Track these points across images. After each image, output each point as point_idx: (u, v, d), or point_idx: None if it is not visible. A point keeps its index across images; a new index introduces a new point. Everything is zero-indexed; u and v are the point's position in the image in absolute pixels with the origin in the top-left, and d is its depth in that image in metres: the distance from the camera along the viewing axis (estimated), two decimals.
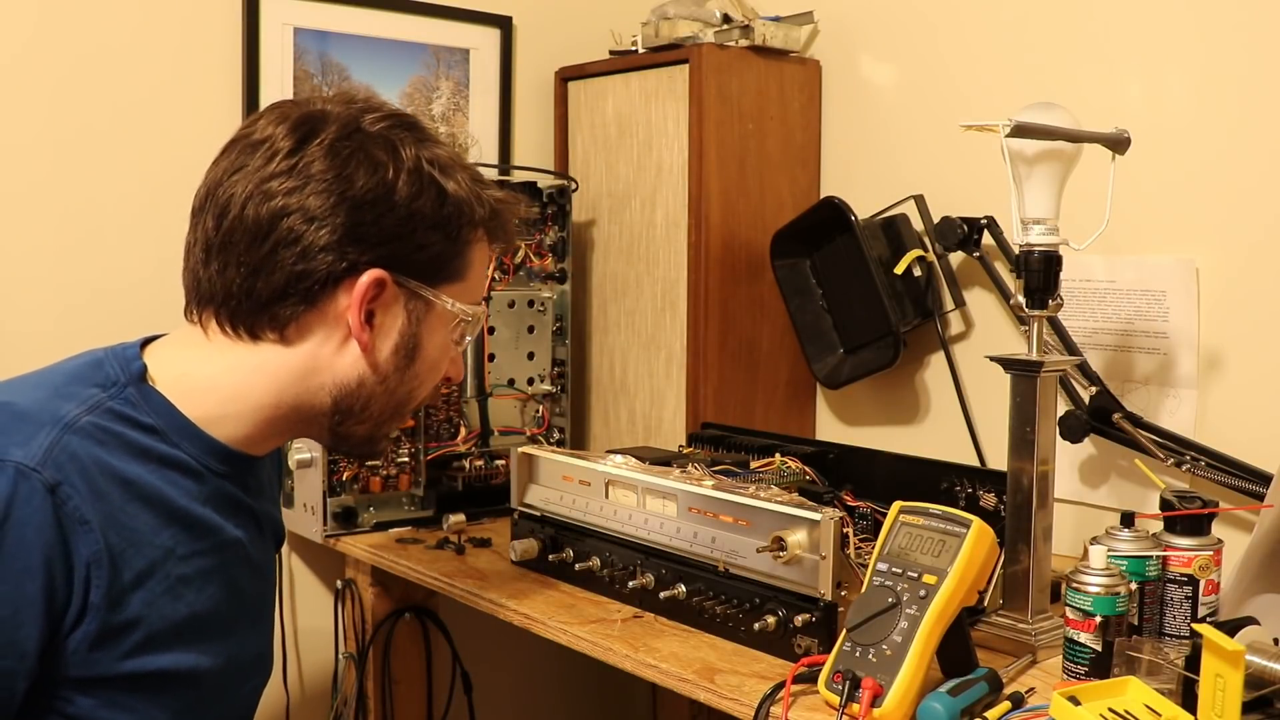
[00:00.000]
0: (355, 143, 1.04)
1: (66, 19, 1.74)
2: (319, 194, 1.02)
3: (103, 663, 0.99)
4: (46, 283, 1.75)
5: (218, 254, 1.04)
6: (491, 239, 1.14)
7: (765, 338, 2.02)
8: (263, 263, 1.03)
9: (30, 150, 1.73)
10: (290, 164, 1.03)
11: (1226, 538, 1.33)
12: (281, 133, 1.04)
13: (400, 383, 1.11)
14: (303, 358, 1.07)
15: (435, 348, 1.12)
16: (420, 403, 1.16)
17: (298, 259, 1.02)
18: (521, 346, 1.93)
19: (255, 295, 1.04)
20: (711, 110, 1.91)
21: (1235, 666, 0.95)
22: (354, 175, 1.03)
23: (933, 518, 1.14)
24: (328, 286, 1.04)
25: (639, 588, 1.40)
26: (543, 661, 2.27)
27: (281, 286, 1.03)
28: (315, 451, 1.73)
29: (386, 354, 1.09)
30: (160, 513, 1.03)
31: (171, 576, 1.03)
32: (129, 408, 1.03)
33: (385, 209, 1.04)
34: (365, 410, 1.10)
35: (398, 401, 1.12)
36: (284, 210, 1.02)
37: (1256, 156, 1.54)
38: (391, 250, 1.05)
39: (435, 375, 1.14)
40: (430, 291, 1.09)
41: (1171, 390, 1.62)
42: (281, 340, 1.06)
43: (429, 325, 1.10)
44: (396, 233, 1.04)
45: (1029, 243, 1.30)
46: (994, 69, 1.83)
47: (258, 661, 1.20)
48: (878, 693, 1.06)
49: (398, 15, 2.03)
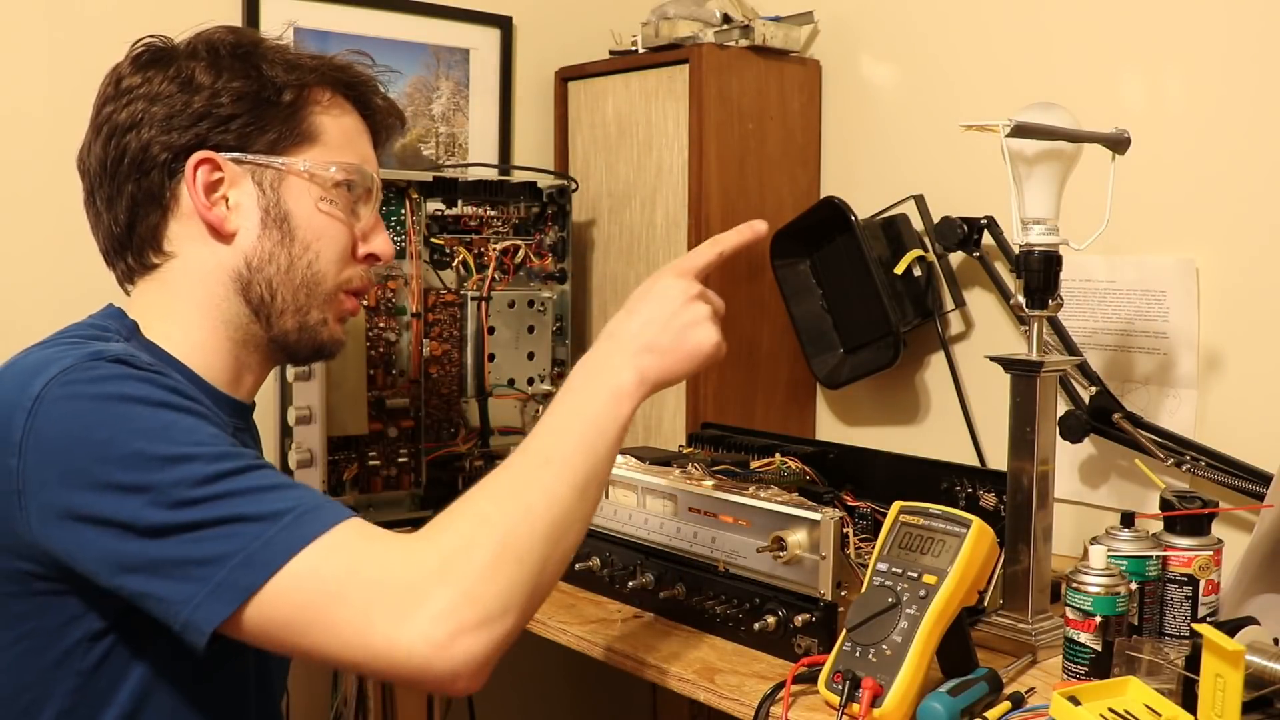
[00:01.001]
0: (157, 51, 1.12)
1: (66, 19, 1.74)
2: (128, 105, 1.09)
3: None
4: (46, 282, 1.75)
5: (91, 211, 1.13)
6: (346, 99, 1.16)
7: (765, 338, 2.02)
8: (113, 191, 1.10)
9: (30, 150, 1.73)
10: (106, 94, 1.12)
11: (1226, 538, 1.33)
12: (108, 75, 1.14)
13: (290, 259, 1.11)
14: (192, 264, 1.11)
15: (307, 213, 1.12)
16: (334, 280, 1.15)
17: (131, 169, 1.09)
18: (521, 346, 1.93)
19: (123, 224, 1.10)
20: (711, 110, 1.91)
21: (1235, 666, 0.95)
22: (154, 77, 1.09)
23: (933, 518, 1.14)
24: (165, 184, 1.09)
25: (639, 588, 1.40)
26: (543, 661, 2.27)
27: (130, 202, 1.09)
28: (315, 451, 1.73)
29: (255, 231, 1.10)
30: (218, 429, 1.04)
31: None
32: (145, 352, 1.06)
33: (190, 95, 1.08)
34: (275, 298, 1.12)
35: (302, 279, 1.12)
36: (110, 134, 1.09)
37: (1257, 156, 1.54)
38: (207, 129, 1.08)
39: (331, 244, 1.14)
40: (274, 159, 1.10)
41: (1171, 390, 1.62)
42: (165, 255, 1.11)
43: (289, 192, 1.11)
44: (206, 112, 1.08)
45: (1029, 243, 1.30)
46: (994, 69, 1.83)
47: None
48: (878, 693, 1.06)
49: (398, 15, 2.03)
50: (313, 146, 1.13)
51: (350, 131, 1.16)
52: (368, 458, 1.79)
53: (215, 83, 1.09)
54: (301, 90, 1.12)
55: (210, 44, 1.11)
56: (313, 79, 1.13)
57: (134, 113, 1.08)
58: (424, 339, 1.84)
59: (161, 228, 1.10)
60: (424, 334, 1.84)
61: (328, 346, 1.18)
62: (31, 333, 1.53)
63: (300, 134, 1.12)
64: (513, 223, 1.94)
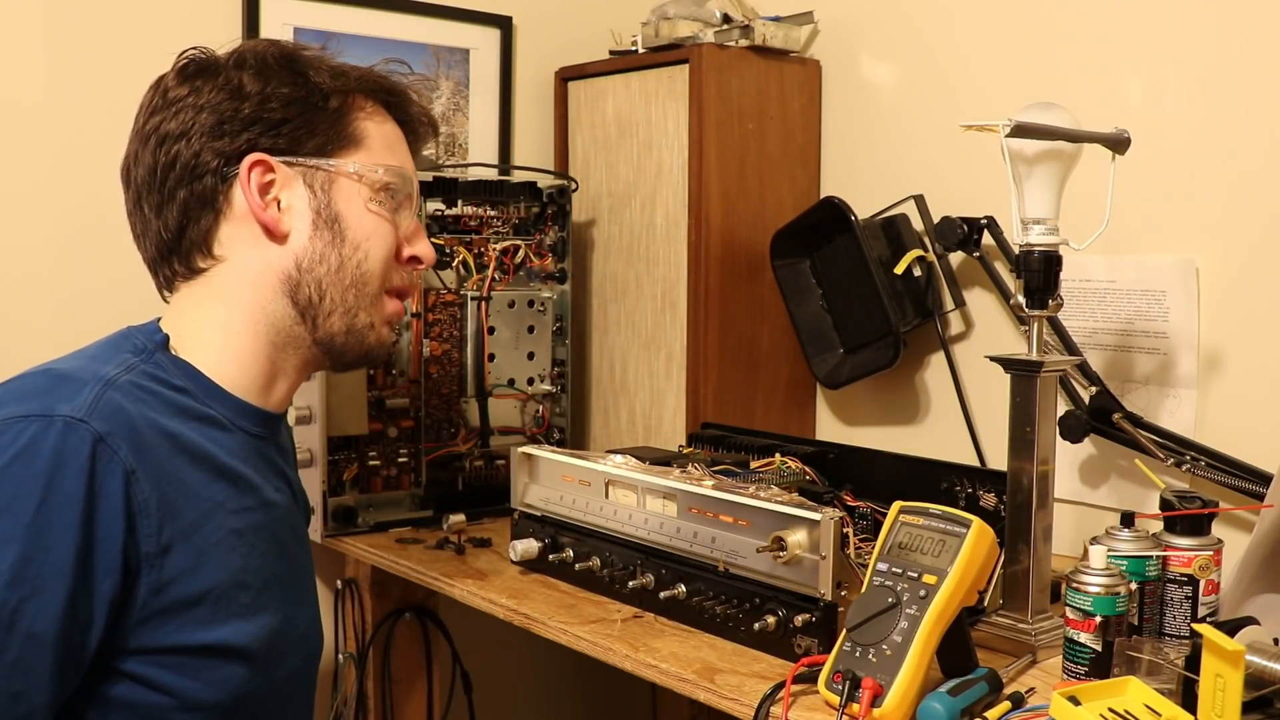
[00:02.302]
0: (202, 64, 1.14)
1: (67, 19, 1.74)
2: (176, 115, 1.11)
3: (167, 623, 1.01)
4: (45, 282, 1.75)
5: (139, 218, 1.15)
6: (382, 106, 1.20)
7: (765, 338, 2.02)
8: (162, 198, 1.12)
9: (30, 150, 1.73)
10: (152, 105, 1.13)
11: (1226, 538, 1.33)
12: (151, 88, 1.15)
13: (340, 260, 1.14)
14: (242, 267, 1.13)
15: (357, 214, 1.15)
16: (380, 280, 1.18)
17: (183, 176, 1.11)
18: (521, 346, 1.93)
19: (172, 229, 1.12)
20: (711, 110, 1.91)
21: (1235, 666, 0.95)
22: (202, 87, 1.12)
23: (933, 518, 1.14)
24: (219, 188, 1.11)
25: (639, 588, 1.40)
26: (543, 661, 2.27)
27: (183, 207, 1.11)
28: (315, 451, 1.73)
29: (307, 231, 1.13)
30: (206, 467, 1.07)
31: (225, 528, 1.07)
32: (161, 371, 1.09)
33: (239, 102, 1.11)
34: (324, 300, 1.14)
35: (352, 280, 1.15)
36: (158, 143, 1.11)
37: (1256, 156, 1.54)
38: (259, 133, 1.11)
39: (379, 244, 1.17)
40: (324, 162, 1.14)
41: (1171, 390, 1.62)
42: (215, 259, 1.13)
43: (339, 194, 1.14)
44: (256, 117, 1.11)
45: (1029, 243, 1.30)
46: (994, 69, 1.83)
47: (310, 627, 1.23)
48: (878, 693, 1.06)
49: (398, 15, 2.03)
50: (358, 150, 1.16)
51: (391, 137, 1.20)
52: (368, 458, 1.79)
53: (264, 89, 1.11)
54: (346, 97, 1.16)
55: (256, 54, 1.14)
56: (356, 86, 1.17)
57: (184, 121, 1.10)
58: (424, 339, 1.84)
59: (213, 231, 1.12)
60: (424, 334, 1.84)
61: (375, 350, 1.20)
62: (31, 328, 1.53)
63: (346, 138, 1.15)
64: (513, 223, 1.94)
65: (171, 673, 1.02)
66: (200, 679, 1.04)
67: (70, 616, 0.95)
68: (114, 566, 0.97)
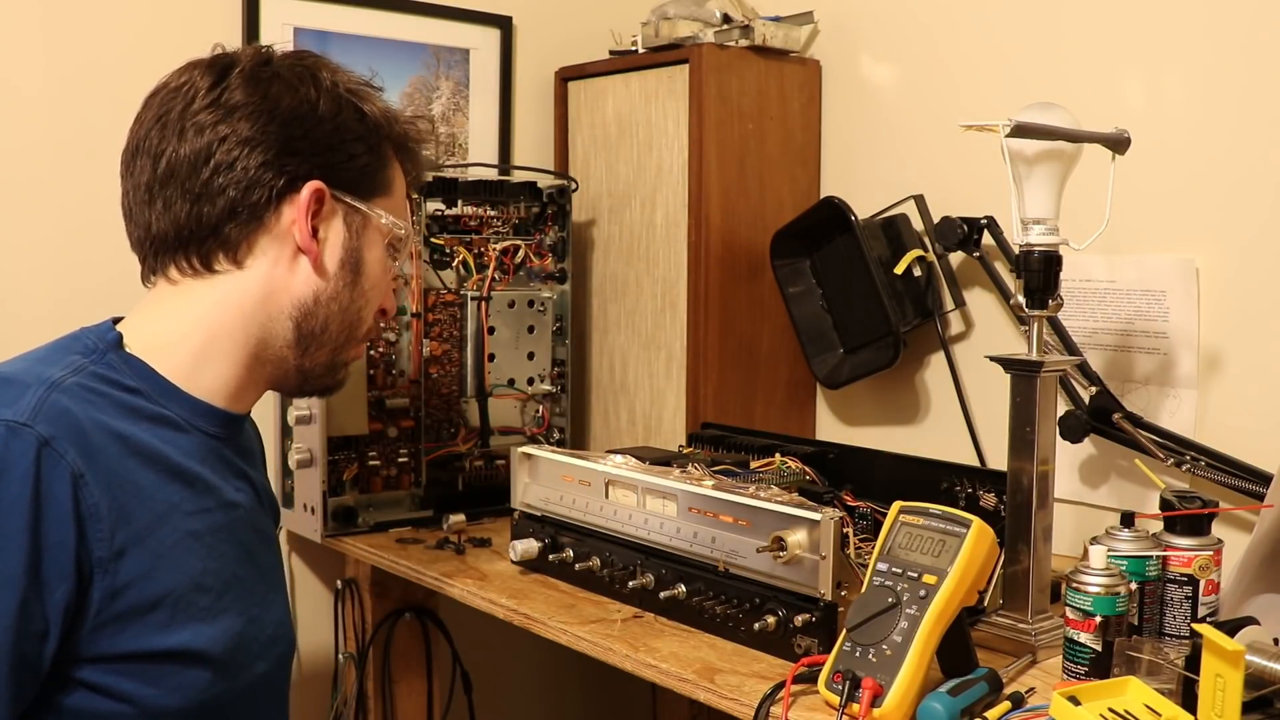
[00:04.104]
0: (271, 71, 1.11)
1: (67, 19, 1.74)
2: (247, 119, 1.08)
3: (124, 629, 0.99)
4: (45, 281, 1.75)
5: (160, 193, 1.09)
6: (401, 160, 1.20)
7: (765, 338, 2.02)
8: (204, 189, 1.08)
9: (30, 150, 1.73)
10: (213, 98, 1.09)
11: (1226, 538, 1.33)
12: (198, 75, 1.10)
13: (350, 300, 1.15)
14: (259, 281, 1.11)
15: (375, 262, 1.17)
16: (367, 330, 1.20)
17: (239, 180, 1.08)
18: (521, 346, 1.93)
19: (204, 221, 1.09)
20: (711, 110, 1.91)
21: (1235, 666, 0.95)
22: (278, 97, 1.09)
23: (933, 518, 1.14)
24: (271, 203, 1.09)
25: (639, 588, 1.40)
26: (543, 661, 2.27)
27: (228, 209, 1.08)
28: (315, 451, 1.73)
29: (335, 268, 1.14)
30: (160, 469, 1.04)
31: (181, 530, 1.05)
32: (111, 371, 1.06)
33: (312, 124, 1.10)
34: (324, 333, 1.15)
35: (350, 322, 1.17)
36: (217, 138, 1.07)
37: (1256, 156, 1.54)
38: (325, 161, 1.11)
39: (379, 296, 1.20)
40: (364, 204, 1.14)
41: (1171, 390, 1.62)
42: (236, 264, 1.11)
43: (368, 239, 1.16)
44: (327, 144, 1.11)
45: (1029, 243, 1.30)
46: (994, 69, 1.83)
47: (279, 629, 1.20)
48: (878, 693, 1.06)
49: (398, 15, 2.03)
50: (388, 197, 1.17)
51: (403, 190, 1.21)
52: (368, 458, 1.79)
53: (337, 116, 1.11)
54: (389, 144, 1.17)
55: (331, 76, 1.13)
56: (395, 133, 1.17)
57: (248, 130, 1.08)
58: (424, 339, 1.84)
59: (253, 240, 1.10)
60: (424, 334, 1.84)
61: (337, 387, 1.22)
62: (31, 327, 1.53)
63: (381, 184, 1.16)
64: (513, 223, 1.94)
65: (131, 680, 1.00)
66: (161, 685, 1.01)
67: (23, 626, 0.93)
68: (66, 573, 0.95)
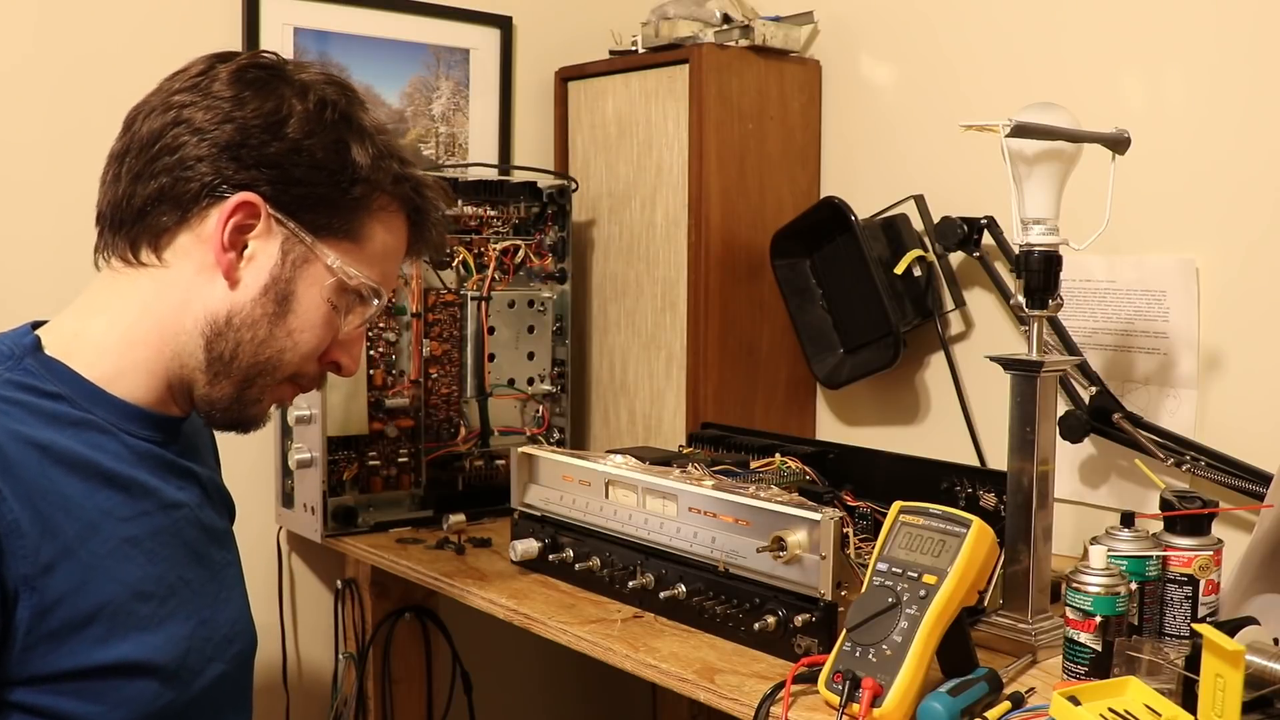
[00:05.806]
0: (265, 75, 1.06)
1: (66, 19, 1.74)
2: (208, 109, 1.04)
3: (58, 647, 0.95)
4: (45, 280, 1.75)
5: (114, 165, 1.07)
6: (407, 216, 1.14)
7: (765, 338, 2.02)
8: (145, 168, 1.04)
9: (30, 150, 1.73)
10: (194, 82, 1.06)
11: (1226, 538, 1.33)
12: (200, 62, 1.08)
13: (269, 334, 1.07)
14: (179, 285, 1.05)
15: (310, 303, 1.08)
16: (292, 370, 1.10)
17: (175, 166, 1.03)
18: (521, 346, 1.93)
19: (132, 202, 1.05)
20: (711, 110, 1.91)
21: (1235, 666, 0.95)
22: (248, 99, 1.04)
23: (933, 518, 1.14)
24: (200, 199, 1.04)
25: (639, 588, 1.40)
26: (543, 661, 2.27)
27: (157, 193, 1.04)
28: (315, 451, 1.73)
29: (255, 291, 1.06)
30: (88, 476, 1.00)
31: (115, 538, 1.00)
32: (30, 378, 1.01)
33: (270, 137, 1.04)
34: (233, 360, 1.06)
35: (265, 358, 1.07)
36: (175, 120, 1.04)
37: (1257, 156, 1.54)
38: (269, 178, 1.04)
39: (311, 339, 1.09)
40: (310, 237, 1.06)
41: (1171, 390, 1.62)
42: (158, 258, 1.06)
43: (305, 276, 1.07)
44: (277, 162, 1.04)
45: (1029, 243, 1.30)
46: (994, 69, 1.83)
47: (235, 628, 1.15)
48: (878, 693, 1.06)
49: (398, 15, 2.03)
50: (352, 245, 1.09)
51: (390, 249, 1.13)
52: (368, 458, 1.79)
53: (302, 140, 1.04)
54: (372, 191, 1.09)
55: (319, 96, 1.07)
56: (388, 186, 1.10)
57: (211, 119, 1.03)
58: (424, 339, 1.84)
59: (172, 234, 1.05)
60: (424, 334, 1.84)
61: (249, 425, 1.13)
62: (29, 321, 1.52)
63: (347, 231, 1.08)
64: (513, 223, 1.94)
65: (70, 699, 0.96)
66: (105, 701, 0.97)
67: None
68: None
